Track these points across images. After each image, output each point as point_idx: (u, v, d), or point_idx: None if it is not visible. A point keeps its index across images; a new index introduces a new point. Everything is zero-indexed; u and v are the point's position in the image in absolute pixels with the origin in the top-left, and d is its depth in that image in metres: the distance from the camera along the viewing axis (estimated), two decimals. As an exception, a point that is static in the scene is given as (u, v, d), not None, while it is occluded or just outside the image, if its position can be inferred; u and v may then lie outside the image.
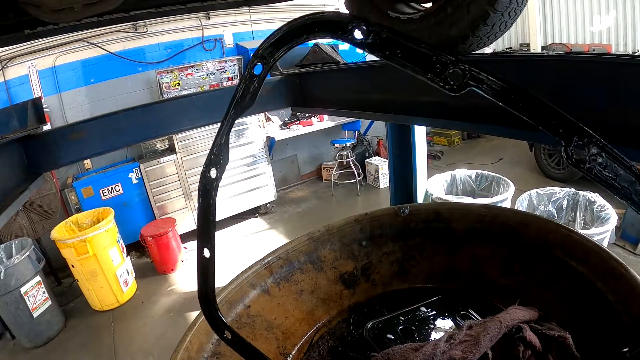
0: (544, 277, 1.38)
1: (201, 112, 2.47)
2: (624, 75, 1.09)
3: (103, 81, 6.70)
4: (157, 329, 4.92)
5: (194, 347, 1.21)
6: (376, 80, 2.07)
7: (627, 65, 1.09)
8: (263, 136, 7.39)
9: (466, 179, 5.76)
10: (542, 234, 1.39)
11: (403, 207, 1.66)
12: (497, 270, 1.50)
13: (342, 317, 1.59)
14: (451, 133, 10.16)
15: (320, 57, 3.14)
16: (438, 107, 1.68)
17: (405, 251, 1.66)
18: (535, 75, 1.33)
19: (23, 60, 6.05)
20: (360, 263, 1.65)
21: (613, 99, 1.12)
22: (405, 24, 1.69)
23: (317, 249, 1.62)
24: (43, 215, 5.74)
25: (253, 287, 1.46)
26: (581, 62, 1.20)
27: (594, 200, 4.62)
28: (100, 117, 2.30)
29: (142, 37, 6.85)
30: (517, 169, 7.78)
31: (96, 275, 5.21)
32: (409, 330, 1.40)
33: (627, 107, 1.09)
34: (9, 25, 2.19)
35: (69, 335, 5.13)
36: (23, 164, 1.99)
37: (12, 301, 4.59)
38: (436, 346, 1.09)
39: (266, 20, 7.78)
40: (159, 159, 6.56)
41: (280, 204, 8.04)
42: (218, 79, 7.12)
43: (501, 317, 1.15)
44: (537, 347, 1.09)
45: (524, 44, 9.74)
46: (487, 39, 1.54)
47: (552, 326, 1.16)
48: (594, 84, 1.16)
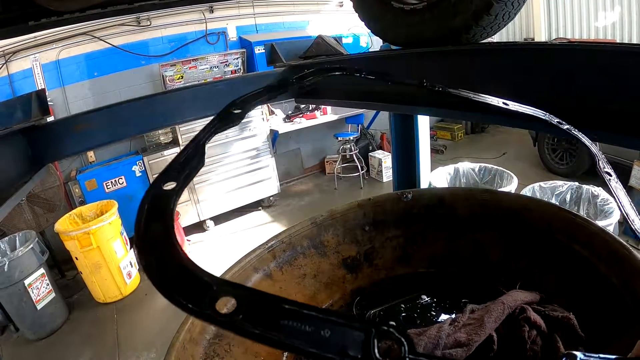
0: (547, 261, 1.38)
1: (204, 103, 2.47)
2: (625, 63, 1.08)
3: (106, 75, 6.72)
4: (160, 321, 4.95)
5: (197, 328, 1.21)
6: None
7: (628, 54, 1.09)
8: (266, 129, 7.40)
9: (469, 172, 5.75)
10: (545, 218, 1.38)
11: (406, 192, 1.66)
12: (500, 255, 1.50)
13: (345, 302, 1.59)
14: (455, 127, 10.15)
15: (324, 48, 3.14)
16: (442, 97, 1.67)
17: (408, 236, 1.66)
18: (538, 64, 1.33)
19: (27, 54, 6.07)
20: (363, 248, 1.65)
21: (615, 87, 1.12)
22: (408, 14, 1.69)
23: (320, 233, 1.62)
24: (47, 208, 5.76)
25: (256, 270, 1.46)
26: (584, 51, 1.20)
27: (597, 194, 4.62)
28: (103, 108, 2.30)
29: (145, 31, 6.86)
30: (521, 164, 7.77)
31: (100, 268, 5.24)
32: (411, 317, 1.41)
33: (628, 96, 1.09)
34: (13, 17, 2.19)
35: (73, 327, 5.17)
36: (27, 154, 1.99)
37: (16, 293, 4.62)
38: (440, 329, 1.09)
39: (269, 13, 7.78)
40: (163, 152, 6.59)
41: (283, 197, 8.06)
42: (221, 72, 7.13)
43: (504, 299, 1.15)
44: (542, 328, 1.09)
45: (529, 38, 9.71)
46: (490, 29, 1.53)
47: (555, 307, 1.16)
48: (596, 72, 1.15)
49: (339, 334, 0.43)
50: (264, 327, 0.44)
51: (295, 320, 0.44)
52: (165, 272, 0.49)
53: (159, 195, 0.61)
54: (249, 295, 0.47)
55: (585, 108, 1.15)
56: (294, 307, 0.45)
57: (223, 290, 0.46)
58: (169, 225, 0.55)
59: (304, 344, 0.43)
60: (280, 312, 0.45)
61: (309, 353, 0.42)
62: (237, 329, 0.43)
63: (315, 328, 0.44)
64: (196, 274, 0.48)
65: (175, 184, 0.64)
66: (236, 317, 0.44)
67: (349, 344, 0.42)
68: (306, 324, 0.44)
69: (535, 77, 1.30)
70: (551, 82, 1.25)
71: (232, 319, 0.44)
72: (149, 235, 0.54)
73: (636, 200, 4.95)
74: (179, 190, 0.63)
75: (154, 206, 0.59)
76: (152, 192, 0.61)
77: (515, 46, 1.45)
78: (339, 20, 8.46)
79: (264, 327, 0.44)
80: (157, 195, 0.61)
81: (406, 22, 1.68)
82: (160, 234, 0.54)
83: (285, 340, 0.43)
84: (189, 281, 0.48)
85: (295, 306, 0.45)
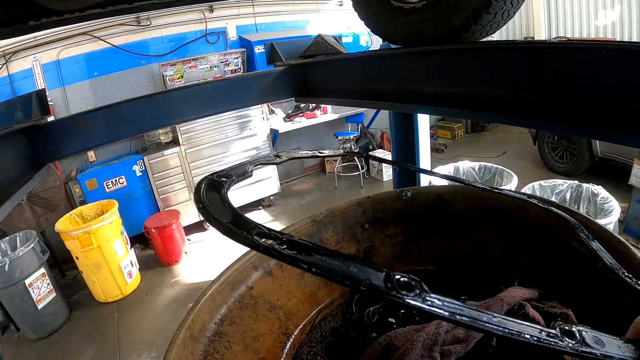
0: (545, 258, 1.38)
1: (204, 102, 2.47)
2: (625, 61, 1.08)
3: (107, 74, 6.71)
4: (161, 320, 4.95)
5: (197, 326, 1.22)
6: (380, 70, 2.07)
7: (628, 53, 1.09)
8: (267, 128, 7.39)
9: (469, 171, 5.76)
10: (543, 215, 1.39)
11: (405, 190, 1.66)
12: (499, 253, 1.50)
13: (345, 299, 1.60)
14: (455, 126, 10.15)
15: (324, 47, 3.13)
16: (441, 95, 1.67)
17: (407, 234, 1.66)
18: (537, 62, 1.33)
19: (27, 54, 6.06)
20: (362, 246, 1.66)
21: (615, 85, 1.12)
22: (408, 13, 1.69)
23: (320, 231, 1.62)
24: (47, 208, 5.76)
25: (256, 268, 1.46)
26: (584, 50, 1.20)
27: (597, 193, 4.62)
28: (104, 107, 2.30)
29: (145, 30, 6.85)
30: (521, 163, 7.77)
31: (100, 267, 5.24)
32: (410, 314, 1.41)
33: (628, 94, 1.09)
34: (13, 17, 2.20)
35: (73, 326, 5.16)
36: (27, 154, 1.99)
37: (16, 293, 4.62)
38: (439, 325, 1.09)
39: (269, 12, 7.78)
40: (163, 152, 6.58)
41: (283, 197, 8.06)
42: (221, 71, 7.13)
43: (502, 295, 1.16)
44: (541, 324, 1.09)
45: (529, 37, 9.70)
46: (489, 28, 1.53)
47: (553, 304, 1.16)
48: (596, 70, 1.15)
49: (364, 270, 0.51)
50: (301, 253, 0.53)
51: (327, 256, 0.53)
52: (222, 217, 0.67)
53: (213, 180, 0.87)
54: (288, 236, 0.57)
55: (585, 106, 1.15)
56: (325, 248, 0.54)
57: (267, 232, 0.59)
58: (222, 195, 0.78)
59: (338, 270, 0.51)
60: (314, 249, 0.54)
61: (343, 277, 0.51)
62: (279, 254, 0.55)
63: (344, 264, 0.51)
64: (246, 220, 0.65)
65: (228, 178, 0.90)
66: (277, 246, 0.55)
67: (374, 278, 0.49)
68: (336, 260, 0.52)
69: (534, 75, 1.30)
70: (551, 80, 1.25)
71: (273, 246, 0.56)
72: (207, 198, 0.75)
73: (636, 199, 4.95)
74: (231, 182, 0.90)
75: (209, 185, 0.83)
76: (208, 178, 0.87)
77: (514, 45, 1.45)
78: (338, 20, 8.47)
79: (301, 253, 0.53)
80: (211, 180, 0.86)
81: (405, 20, 1.68)
82: (217, 198, 0.76)
83: (322, 264, 0.52)
84: (240, 223, 0.64)
85: (326, 249, 0.55)
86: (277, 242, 0.55)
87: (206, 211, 0.68)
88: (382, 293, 0.48)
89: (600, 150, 6.16)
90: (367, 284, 0.48)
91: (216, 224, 0.63)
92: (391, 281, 0.48)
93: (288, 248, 0.53)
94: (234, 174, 0.92)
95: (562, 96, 1.21)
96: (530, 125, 1.40)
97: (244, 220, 0.64)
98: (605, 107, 1.13)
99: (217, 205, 0.73)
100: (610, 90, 1.10)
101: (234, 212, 0.67)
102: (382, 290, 0.48)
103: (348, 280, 0.49)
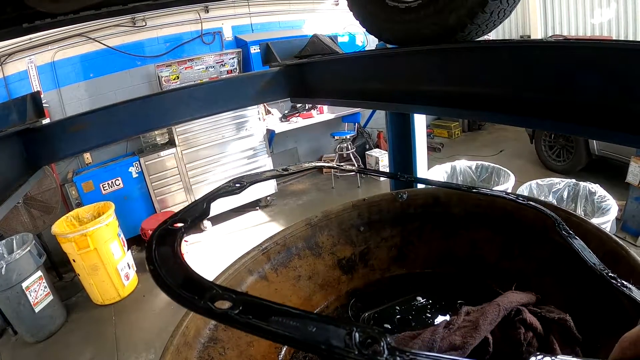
0: (543, 260, 1.37)
1: (201, 103, 2.46)
2: (622, 60, 1.07)
3: (102, 76, 6.68)
4: (159, 322, 4.93)
5: (191, 332, 1.20)
6: (376, 70, 2.06)
7: (624, 51, 1.08)
8: (263, 129, 7.37)
9: (466, 170, 5.75)
10: (540, 217, 1.37)
11: (401, 192, 1.65)
12: (496, 255, 1.49)
13: (340, 303, 1.59)
14: (452, 125, 10.14)
15: (319, 47, 3.11)
16: (438, 95, 1.66)
17: (404, 236, 1.65)
18: (533, 61, 1.32)
19: (22, 56, 6.03)
20: (358, 248, 1.65)
21: (611, 84, 1.11)
22: (403, 12, 1.68)
23: (315, 234, 1.61)
24: (44, 211, 5.74)
25: (250, 273, 1.45)
26: (580, 48, 1.19)
27: (594, 191, 4.61)
28: (99, 109, 2.28)
29: (141, 31, 6.83)
30: (518, 161, 7.77)
31: (97, 270, 5.21)
32: (406, 320, 1.40)
33: (625, 93, 1.08)
34: (7, 19, 2.18)
35: (71, 329, 5.14)
36: (23, 157, 1.98)
37: (13, 296, 4.59)
38: (435, 332, 1.08)
39: (265, 13, 7.76)
40: (159, 153, 6.56)
41: (280, 197, 8.04)
42: (217, 72, 7.11)
43: (499, 300, 1.14)
44: (538, 329, 1.08)
45: (525, 35, 9.71)
46: (485, 27, 1.52)
47: (551, 309, 1.15)
48: (592, 69, 1.14)
49: (323, 329, 0.49)
50: (257, 320, 0.51)
51: (284, 317, 0.51)
52: (173, 279, 0.61)
53: (167, 230, 0.79)
54: (244, 297, 0.55)
55: (581, 105, 1.14)
56: (283, 307, 0.52)
57: (221, 293, 0.55)
58: (175, 248, 0.72)
59: (294, 334, 0.49)
60: (271, 310, 0.52)
61: (299, 342, 0.49)
62: (232, 321, 0.52)
63: (302, 324, 0.50)
64: (199, 280, 0.60)
65: (183, 224, 0.83)
66: (231, 312, 0.52)
67: (333, 337, 0.47)
68: (294, 320, 0.50)
69: (530, 74, 1.29)
70: (547, 79, 1.24)
71: (227, 312, 0.52)
72: (159, 254, 0.69)
73: (633, 197, 4.95)
74: (187, 228, 0.83)
75: (162, 236, 0.76)
76: (161, 227, 0.80)
77: (510, 43, 1.44)
78: (334, 19, 8.45)
79: (257, 319, 0.51)
80: (165, 229, 0.79)
81: (401, 20, 1.67)
82: (169, 254, 0.69)
83: (278, 330, 0.49)
84: (192, 284, 0.59)
85: (284, 307, 0.52)
86: (233, 303, 0.53)
87: (156, 273, 0.63)
88: (342, 357, 0.46)
89: (597, 148, 6.17)
90: (326, 346, 0.46)
91: (166, 289, 0.59)
92: (352, 340, 0.47)
93: (242, 312, 0.51)
94: (189, 218, 0.87)
95: (560, 95, 1.20)
96: (528, 124, 1.38)
97: (195, 281, 0.60)
98: (604, 106, 1.12)
99: (168, 262, 0.67)
100: (609, 89, 1.09)
101: (186, 270, 0.63)
102: (341, 351, 0.46)
103: (307, 345, 0.48)
